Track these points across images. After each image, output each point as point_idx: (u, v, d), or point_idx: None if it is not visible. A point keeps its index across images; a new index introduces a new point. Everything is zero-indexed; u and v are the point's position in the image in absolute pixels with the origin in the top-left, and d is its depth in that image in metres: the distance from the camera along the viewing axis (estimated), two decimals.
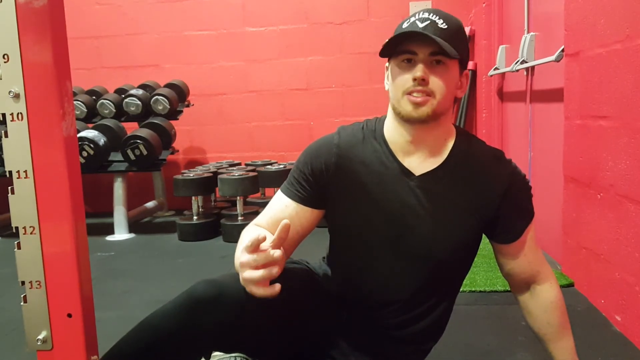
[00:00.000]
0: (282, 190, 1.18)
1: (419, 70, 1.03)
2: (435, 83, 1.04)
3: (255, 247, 0.91)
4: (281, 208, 1.16)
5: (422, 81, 1.03)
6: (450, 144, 1.14)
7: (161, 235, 3.62)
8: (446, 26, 1.04)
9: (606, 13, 1.83)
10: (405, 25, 1.07)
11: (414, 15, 1.08)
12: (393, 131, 1.14)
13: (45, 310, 0.93)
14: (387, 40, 1.05)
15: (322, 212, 1.18)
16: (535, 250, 1.20)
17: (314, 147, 1.18)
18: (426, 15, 1.05)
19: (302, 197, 1.15)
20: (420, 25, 1.04)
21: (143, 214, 4.03)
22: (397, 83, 1.07)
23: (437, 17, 1.05)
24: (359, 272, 1.19)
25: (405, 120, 1.08)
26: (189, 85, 4.13)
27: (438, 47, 1.01)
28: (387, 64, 1.13)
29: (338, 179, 1.14)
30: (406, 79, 1.05)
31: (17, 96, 0.88)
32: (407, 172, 1.12)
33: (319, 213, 1.17)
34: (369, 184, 1.13)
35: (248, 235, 0.94)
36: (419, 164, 1.13)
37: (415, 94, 1.04)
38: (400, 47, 1.05)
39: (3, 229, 3.66)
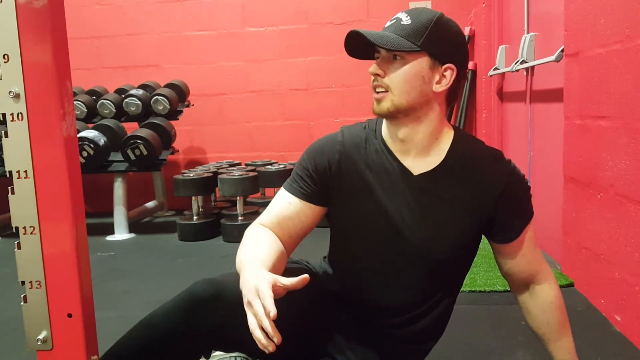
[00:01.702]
0: (285, 188, 1.19)
1: (372, 66, 1.09)
2: (390, 78, 1.07)
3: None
4: (285, 205, 1.16)
5: (377, 76, 1.08)
6: (447, 144, 1.14)
7: (161, 235, 3.62)
8: (409, 22, 1.06)
9: (606, 13, 1.83)
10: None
11: None
12: (387, 131, 1.15)
13: (45, 310, 0.93)
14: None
15: (324, 210, 1.18)
16: (534, 250, 1.20)
17: (318, 145, 1.19)
18: (398, 15, 1.09)
19: (306, 193, 1.15)
20: (387, 24, 1.09)
21: (143, 214, 4.03)
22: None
23: (406, 15, 1.07)
24: (359, 272, 1.19)
25: (376, 115, 1.13)
26: (189, 85, 4.13)
27: (381, 43, 1.04)
28: None
29: (341, 177, 1.15)
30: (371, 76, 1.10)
31: (17, 96, 0.88)
32: (406, 172, 1.13)
33: (321, 210, 1.18)
34: (371, 183, 1.13)
35: (264, 279, 0.90)
36: (416, 163, 1.13)
37: (377, 89, 1.09)
38: (376, 47, 1.09)
39: (3, 229, 3.66)
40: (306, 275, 0.91)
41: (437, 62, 1.07)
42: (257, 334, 0.87)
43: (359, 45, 1.10)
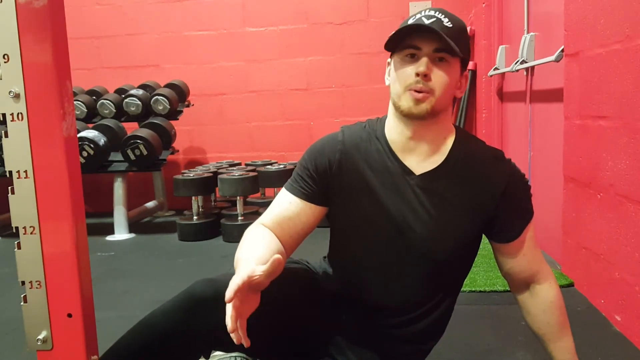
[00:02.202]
0: (286, 188, 1.19)
1: (422, 65, 1.03)
2: (437, 80, 1.04)
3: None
4: (285, 205, 1.16)
5: (425, 77, 1.03)
6: (449, 144, 1.14)
7: (161, 235, 3.62)
8: (451, 25, 1.04)
9: (606, 13, 1.83)
10: (411, 21, 1.07)
11: (419, 12, 1.08)
12: (393, 129, 1.14)
13: (45, 310, 0.93)
14: (393, 32, 1.05)
15: (325, 210, 1.18)
16: (534, 250, 1.20)
17: (319, 145, 1.19)
18: (432, 12, 1.06)
19: (306, 193, 1.15)
20: (427, 22, 1.04)
21: (143, 214, 4.03)
22: (399, 77, 1.07)
23: (443, 16, 1.05)
24: (359, 271, 1.19)
25: (404, 115, 1.09)
26: (189, 85, 4.13)
27: (443, 43, 1.01)
28: (389, 59, 1.13)
29: (341, 177, 1.15)
30: (409, 74, 1.05)
31: (17, 96, 0.88)
32: (407, 172, 1.12)
33: (322, 210, 1.18)
34: (372, 183, 1.13)
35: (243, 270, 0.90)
36: (419, 163, 1.13)
37: (416, 89, 1.04)
38: (405, 42, 1.05)
39: (3, 229, 3.66)
40: (277, 256, 0.89)
41: (463, 68, 1.10)
42: (227, 324, 0.87)
43: (397, 39, 1.06)
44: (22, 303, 0.93)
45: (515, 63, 2.90)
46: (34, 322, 0.94)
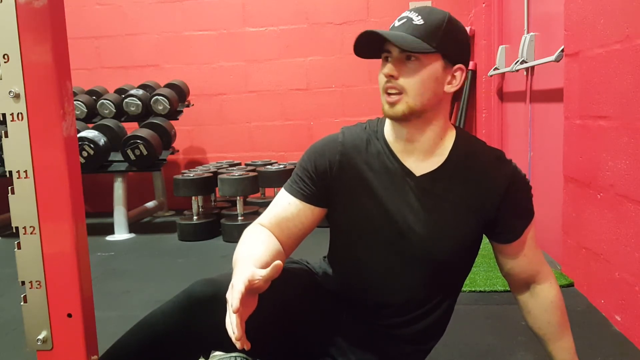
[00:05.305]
0: (285, 188, 1.18)
1: (386, 67, 1.06)
2: (405, 79, 1.05)
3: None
4: (284, 206, 1.16)
5: (391, 77, 1.06)
6: (449, 144, 1.14)
7: (161, 235, 3.62)
8: (422, 22, 1.04)
9: (606, 13, 1.83)
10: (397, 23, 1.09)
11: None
12: (391, 132, 1.15)
13: (45, 310, 0.93)
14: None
15: (324, 211, 1.18)
16: (535, 250, 1.20)
17: (319, 146, 1.18)
18: (407, 14, 1.07)
19: (305, 194, 1.15)
20: (397, 24, 1.07)
21: (143, 214, 4.03)
22: (378, 81, 1.10)
23: (416, 15, 1.05)
24: (359, 272, 1.19)
25: (388, 118, 1.11)
26: (189, 85, 4.13)
27: (399, 44, 1.02)
28: None
29: (341, 178, 1.14)
30: (381, 77, 1.08)
31: (17, 96, 0.88)
32: (408, 173, 1.12)
33: (321, 211, 1.17)
34: (372, 184, 1.13)
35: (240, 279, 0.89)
36: (419, 164, 1.13)
37: (389, 91, 1.07)
38: (382, 47, 1.08)
39: (3, 229, 3.66)
40: (278, 262, 0.90)
41: (449, 63, 1.08)
42: (228, 329, 0.87)
43: (367, 45, 1.08)
44: (22, 303, 0.93)
45: (515, 63, 2.90)
46: (34, 322, 0.94)
